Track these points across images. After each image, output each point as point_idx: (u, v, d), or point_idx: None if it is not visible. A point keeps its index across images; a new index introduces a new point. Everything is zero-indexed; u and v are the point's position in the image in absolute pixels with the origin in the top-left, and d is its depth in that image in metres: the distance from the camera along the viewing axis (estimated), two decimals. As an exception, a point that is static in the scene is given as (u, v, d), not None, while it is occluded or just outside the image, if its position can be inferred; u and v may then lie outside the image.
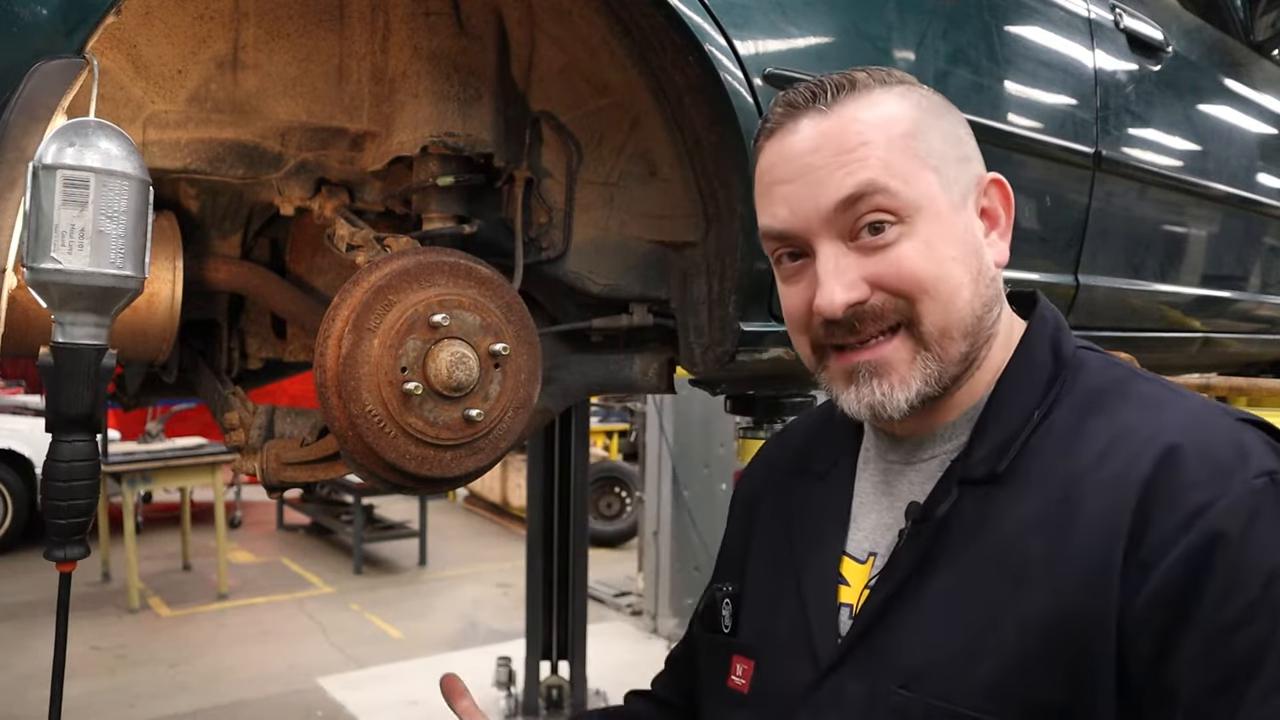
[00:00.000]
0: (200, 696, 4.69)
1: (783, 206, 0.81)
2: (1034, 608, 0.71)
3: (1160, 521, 0.69)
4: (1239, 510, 0.68)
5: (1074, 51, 2.03)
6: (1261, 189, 2.69)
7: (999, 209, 0.86)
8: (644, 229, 1.61)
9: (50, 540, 1.00)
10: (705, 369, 1.59)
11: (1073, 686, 0.69)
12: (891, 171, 0.78)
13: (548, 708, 4.31)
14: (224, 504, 6.48)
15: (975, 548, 0.76)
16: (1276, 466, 0.71)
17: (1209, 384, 2.34)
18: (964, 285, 0.80)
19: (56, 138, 0.92)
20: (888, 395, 0.79)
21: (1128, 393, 0.79)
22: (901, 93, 0.82)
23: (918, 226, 0.78)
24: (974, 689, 0.72)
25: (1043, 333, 0.85)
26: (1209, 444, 0.72)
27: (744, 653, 0.91)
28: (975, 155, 0.86)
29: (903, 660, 0.77)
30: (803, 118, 0.81)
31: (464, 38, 1.44)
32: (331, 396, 1.24)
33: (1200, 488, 0.69)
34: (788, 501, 0.97)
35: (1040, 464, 0.77)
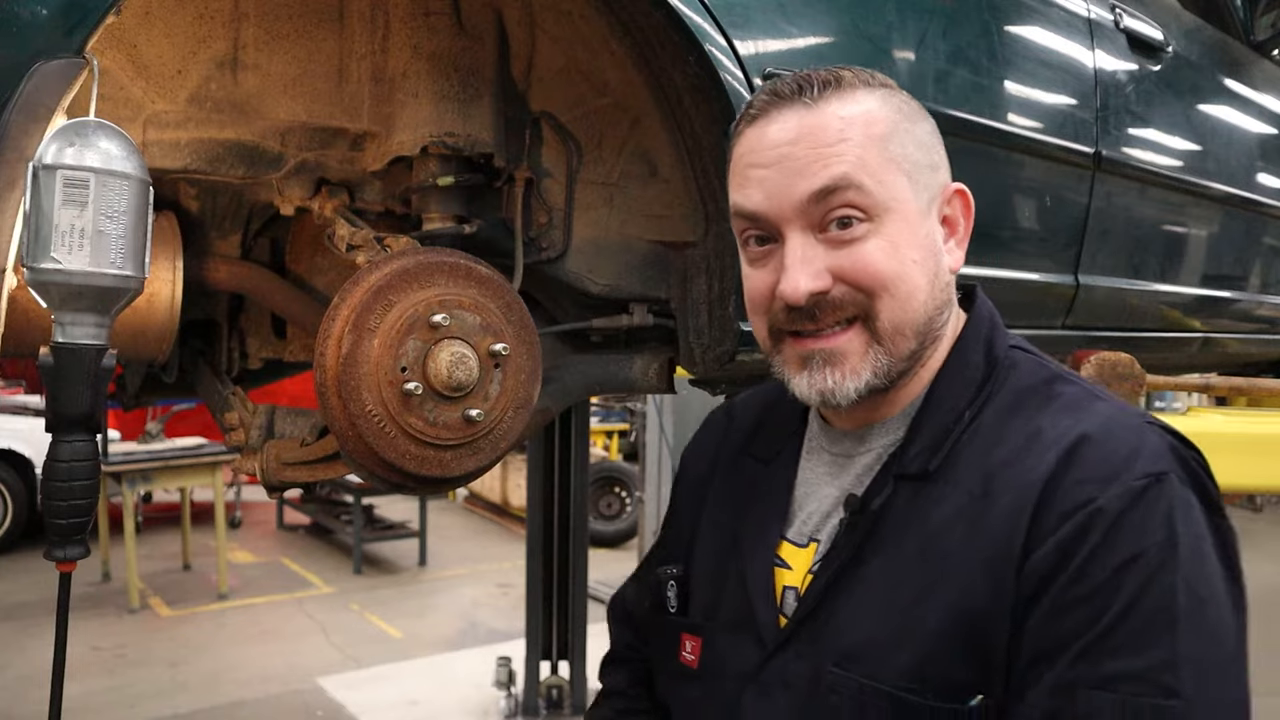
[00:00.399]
0: (200, 696, 4.68)
1: (758, 190, 0.84)
2: (951, 595, 0.77)
3: (1052, 514, 0.75)
4: (1114, 507, 0.74)
5: (1074, 51, 2.03)
6: (1261, 189, 2.69)
7: (960, 218, 0.90)
8: (644, 229, 1.61)
9: (50, 540, 1.00)
10: (705, 369, 1.59)
11: (981, 669, 0.76)
12: (866, 170, 0.81)
13: (548, 708, 4.32)
14: (224, 504, 6.48)
15: (905, 539, 0.82)
16: (1165, 469, 0.76)
17: (1209, 384, 2.34)
18: (921, 288, 0.84)
19: (56, 138, 0.92)
20: (838, 383, 0.83)
21: (1049, 394, 0.84)
22: (883, 96, 0.85)
23: (885, 226, 0.82)
24: (898, 670, 0.78)
25: (977, 333, 0.90)
26: (1105, 447, 0.77)
27: (691, 630, 0.97)
28: (943, 163, 0.89)
29: (839, 642, 0.82)
30: (786, 108, 0.83)
31: (464, 38, 1.44)
32: (331, 396, 1.24)
33: (1087, 484, 0.75)
34: (734, 484, 1.02)
35: (966, 461, 0.82)
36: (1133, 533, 0.73)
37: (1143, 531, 0.73)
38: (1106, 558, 0.72)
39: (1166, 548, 0.72)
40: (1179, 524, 0.74)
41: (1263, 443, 1.97)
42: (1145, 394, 2.05)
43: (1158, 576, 0.72)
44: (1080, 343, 2.17)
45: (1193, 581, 0.73)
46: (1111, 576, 0.72)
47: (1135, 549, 0.72)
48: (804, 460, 0.96)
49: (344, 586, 6.76)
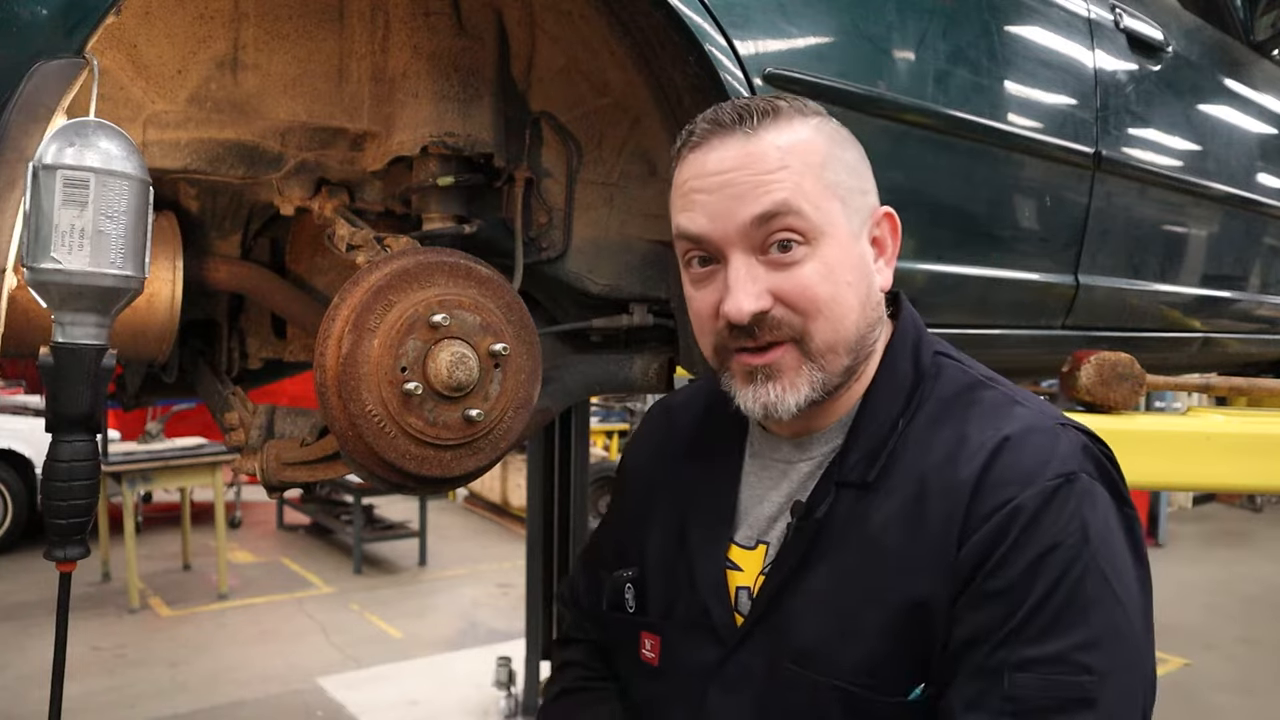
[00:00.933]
0: (200, 696, 4.68)
1: (701, 213, 0.88)
2: (892, 594, 0.84)
3: (978, 514, 0.83)
4: (1031, 505, 0.81)
5: (1074, 51, 2.03)
6: (1261, 189, 2.69)
7: (888, 239, 0.95)
8: (644, 229, 1.61)
9: (50, 540, 1.00)
10: (705, 369, 1.59)
11: (923, 660, 0.83)
12: (804, 196, 0.86)
13: (548, 708, 4.31)
14: (224, 504, 6.47)
15: (848, 543, 0.88)
16: (1075, 469, 0.83)
17: (1209, 384, 2.34)
18: (853, 308, 0.89)
19: (56, 138, 0.92)
20: (779, 397, 0.88)
21: (971, 400, 0.91)
22: (816, 125, 0.91)
23: (821, 249, 0.87)
24: (848, 666, 0.85)
25: (904, 343, 0.96)
26: (1023, 450, 0.84)
27: (650, 629, 1.02)
28: (872, 188, 0.95)
29: (793, 641, 0.89)
30: (728, 135, 0.88)
31: (464, 38, 1.44)
32: (331, 396, 1.24)
33: (1007, 485, 0.82)
34: (679, 484, 1.06)
35: (901, 468, 0.89)
36: (1048, 528, 0.80)
37: (1056, 527, 0.80)
38: (1025, 551, 0.80)
39: (1079, 540, 0.80)
40: (1088, 517, 0.81)
41: (1263, 443, 1.97)
42: (1145, 394, 2.05)
43: (1072, 566, 0.79)
44: (1080, 343, 2.17)
45: (1103, 568, 0.80)
46: (1028, 567, 0.79)
47: (1050, 542, 0.80)
48: (747, 464, 1.01)
49: (344, 586, 6.76)
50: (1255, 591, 6.56)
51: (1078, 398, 1.98)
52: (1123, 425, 1.93)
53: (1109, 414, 1.98)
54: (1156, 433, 1.95)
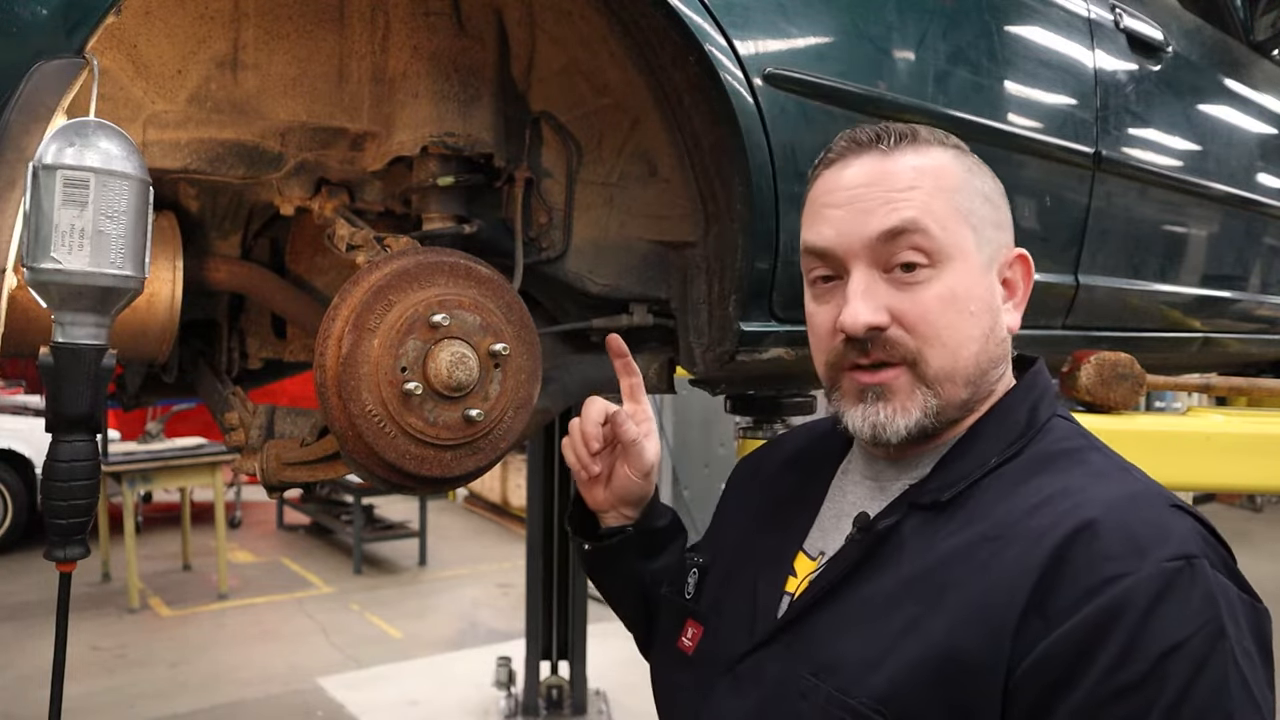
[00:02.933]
0: (200, 696, 4.68)
1: (829, 227, 0.87)
2: (936, 633, 0.76)
3: (1072, 584, 0.72)
4: (1147, 588, 0.70)
5: (1074, 51, 2.03)
6: (1261, 189, 2.69)
7: (1019, 282, 0.92)
8: (644, 229, 1.61)
9: (50, 540, 1.00)
10: (705, 369, 1.60)
11: (951, 714, 0.74)
12: (934, 217, 0.84)
13: (548, 708, 4.31)
14: (224, 504, 6.47)
15: (905, 565, 0.82)
16: (1195, 552, 0.73)
17: (1209, 384, 2.34)
18: (974, 339, 0.85)
19: (56, 138, 0.92)
20: (889, 419, 0.85)
21: (1080, 460, 0.84)
22: (955, 154, 0.89)
23: (946, 274, 0.84)
24: (869, 690, 0.77)
25: (1027, 396, 0.90)
26: (1133, 521, 0.75)
27: (696, 618, 1.00)
28: (1008, 226, 0.92)
29: (817, 652, 0.83)
30: (864, 154, 0.88)
31: (464, 38, 1.44)
32: (331, 396, 1.24)
33: (1115, 560, 0.72)
34: (770, 494, 1.05)
35: (982, 504, 0.82)
36: (1173, 618, 0.70)
37: (1183, 617, 0.70)
38: (1148, 644, 0.69)
39: (1212, 635, 0.70)
40: (1222, 610, 0.71)
41: (1263, 443, 1.97)
42: (1145, 394, 2.05)
43: (1207, 665, 0.69)
44: (1080, 343, 2.17)
45: (1243, 670, 0.71)
46: (1156, 665, 0.69)
47: (1179, 636, 0.69)
48: (837, 480, 0.99)
49: (344, 586, 6.76)
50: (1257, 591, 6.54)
51: (1078, 398, 1.98)
52: (1123, 425, 1.93)
53: (1109, 414, 1.98)
54: (1156, 433, 1.95)
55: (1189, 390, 2.32)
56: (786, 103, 1.44)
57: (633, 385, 1.12)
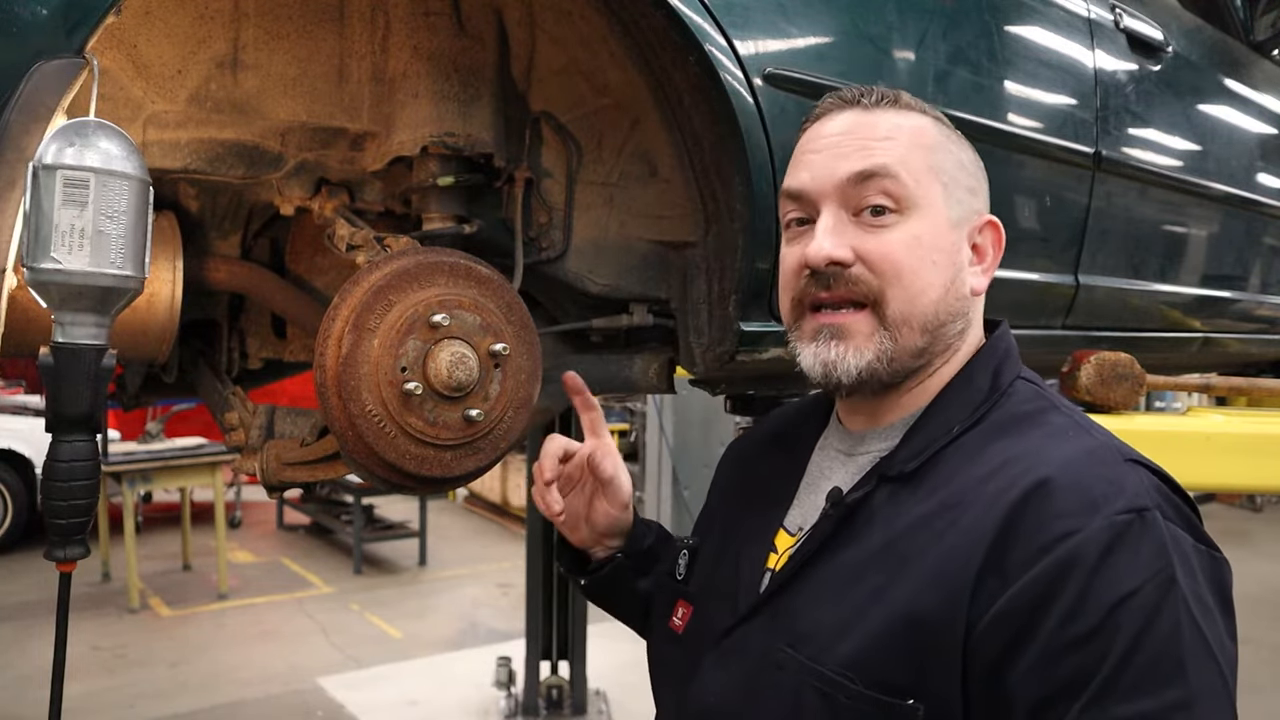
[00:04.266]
0: (200, 696, 4.68)
1: (805, 171, 0.91)
2: (900, 598, 0.79)
3: (1025, 542, 0.74)
4: (1099, 540, 0.72)
5: (1074, 51, 2.03)
6: (1261, 189, 2.69)
7: (989, 248, 0.94)
8: (644, 229, 1.61)
9: (50, 540, 1.00)
10: (705, 369, 1.60)
11: (916, 674, 0.77)
12: (906, 166, 0.87)
13: (548, 708, 4.31)
14: (224, 504, 6.47)
15: (873, 536, 0.85)
16: (1147, 505, 0.75)
17: (1209, 384, 2.33)
18: (934, 286, 0.88)
19: (56, 138, 0.92)
20: (840, 357, 0.88)
21: (1039, 421, 0.86)
22: (935, 121, 0.93)
23: (913, 221, 0.87)
24: (838, 657, 0.81)
25: (989, 360, 0.92)
26: (1087, 478, 0.76)
27: (686, 598, 1.04)
28: (982, 193, 0.95)
29: (794, 624, 0.87)
30: (846, 109, 0.92)
31: (464, 38, 1.44)
32: (331, 396, 1.24)
33: (1067, 517, 0.74)
34: (754, 472, 1.08)
35: (945, 473, 0.84)
36: (1124, 569, 0.72)
37: (1133, 568, 0.72)
38: (1099, 596, 0.71)
39: (1163, 583, 0.71)
40: (1174, 561, 0.73)
41: (1263, 443, 1.97)
42: (1145, 394, 2.05)
43: (1159, 614, 0.71)
44: (1080, 343, 2.17)
45: (1196, 617, 0.72)
46: (1107, 616, 0.71)
47: (1129, 586, 0.71)
48: (815, 455, 1.01)
49: (344, 586, 6.76)
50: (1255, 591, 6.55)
51: (1077, 398, 1.98)
52: (1123, 425, 1.93)
53: (1109, 414, 1.98)
54: (1156, 433, 1.95)
55: (1189, 390, 2.32)
56: (787, 103, 1.44)
57: (593, 419, 1.13)
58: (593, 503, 1.11)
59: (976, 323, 0.94)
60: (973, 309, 0.93)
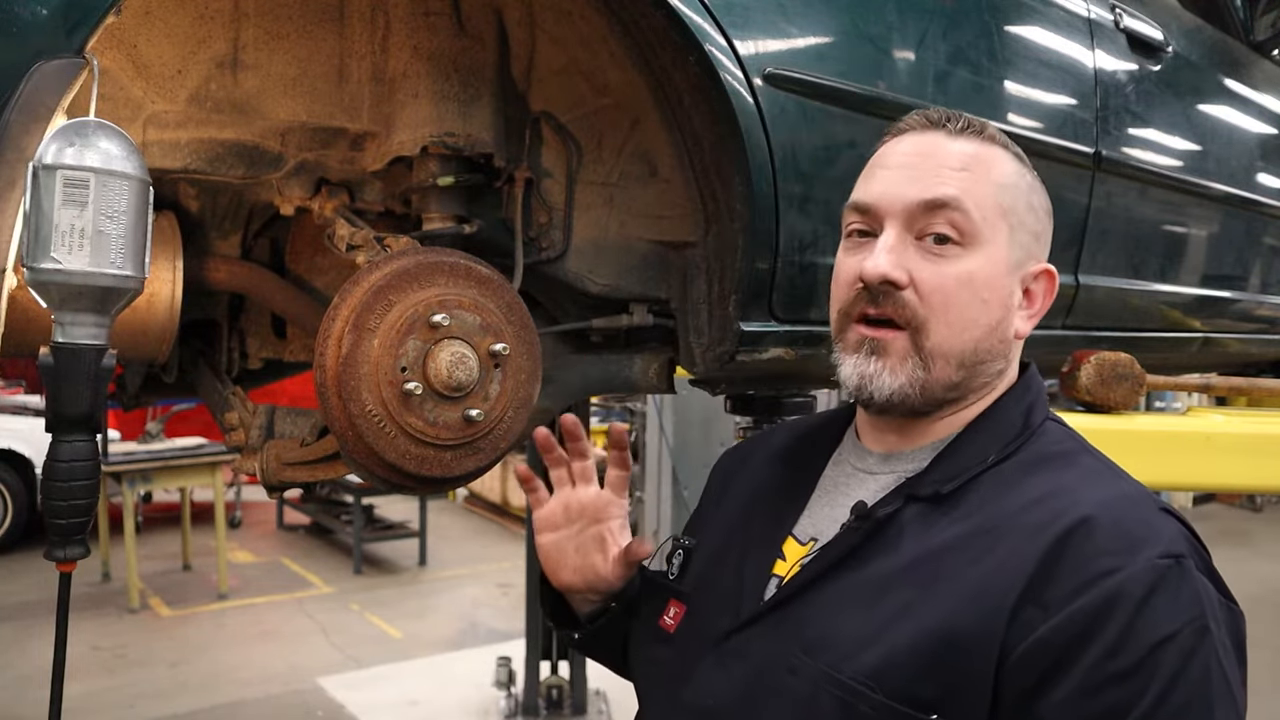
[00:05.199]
0: (200, 696, 4.68)
1: (877, 185, 0.91)
2: (932, 617, 0.79)
3: (1068, 576, 0.76)
4: (1141, 581, 0.74)
5: (1074, 52, 2.03)
6: (1261, 189, 2.69)
7: (1040, 295, 0.94)
8: (644, 229, 1.61)
9: (50, 540, 1.00)
10: (705, 369, 1.59)
11: (942, 691, 0.77)
12: (975, 201, 0.87)
13: (548, 708, 4.31)
14: (224, 504, 6.47)
15: (902, 552, 0.84)
16: (1184, 552, 0.77)
17: (1209, 384, 2.33)
18: (980, 325, 0.88)
19: (56, 138, 0.92)
20: (877, 373, 0.88)
21: (1073, 462, 0.87)
22: (1016, 160, 0.93)
23: (972, 257, 0.87)
24: (859, 667, 0.80)
25: (1022, 398, 0.93)
26: (1126, 519, 0.79)
27: (679, 597, 1.02)
28: (1046, 242, 0.95)
29: (807, 632, 0.86)
30: (930, 130, 0.91)
31: (464, 38, 1.44)
32: (331, 396, 1.24)
33: (1111, 555, 0.76)
34: (756, 482, 1.07)
35: (979, 499, 0.85)
36: (1163, 613, 0.73)
37: (1173, 611, 0.74)
38: (1141, 635, 0.73)
39: (1199, 630, 0.74)
40: (1205, 608, 0.75)
41: (1263, 443, 1.97)
42: (1145, 394, 2.05)
43: (1194, 658, 0.73)
44: (1080, 343, 2.17)
45: (1224, 667, 0.74)
46: (1148, 655, 0.72)
47: (1169, 629, 0.73)
48: (829, 470, 1.00)
49: (344, 586, 6.76)
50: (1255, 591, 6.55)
51: (1077, 398, 1.98)
52: (1123, 425, 1.93)
53: (1109, 414, 1.98)
54: (1156, 433, 1.95)
55: (1189, 390, 2.32)
56: (786, 103, 1.44)
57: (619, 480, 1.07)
58: (589, 556, 1.06)
59: (1014, 363, 0.95)
60: (1013, 351, 0.93)
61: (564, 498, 1.07)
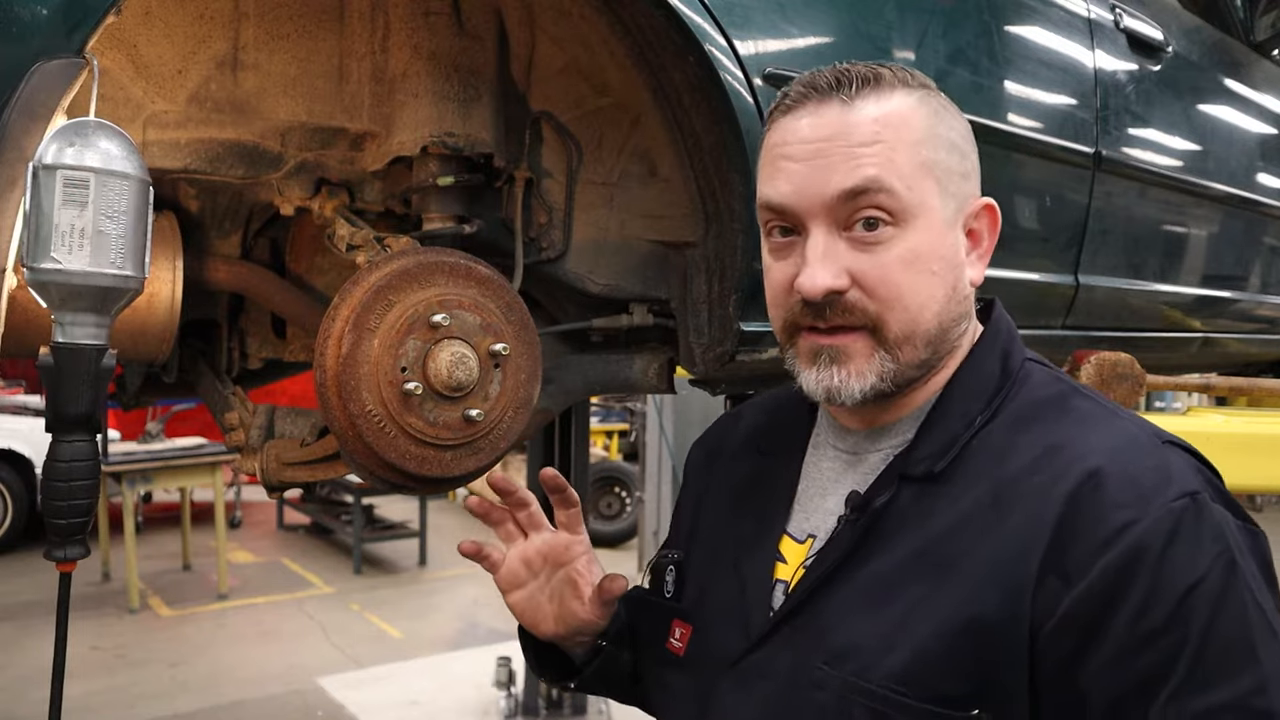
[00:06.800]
0: (200, 696, 4.68)
1: (786, 183, 0.82)
2: (950, 604, 0.75)
3: (1085, 537, 0.72)
4: (1160, 530, 0.71)
5: (1074, 51, 2.03)
6: (1261, 189, 2.69)
7: (985, 232, 0.88)
8: (644, 229, 1.61)
9: (50, 540, 1.00)
10: (705, 369, 1.59)
11: (978, 681, 0.74)
12: (897, 173, 0.80)
13: (548, 708, 4.31)
14: (224, 504, 6.47)
15: (906, 541, 0.80)
16: (1197, 487, 0.74)
17: (1209, 384, 2.33)
18: (936, 299, 0.82)
19: (56, 138, 0.92)
20: (844, 382, 0.82)
21: (1064, 408, 0.82)
22: (921, 98, 0.84)
23: (909, 233, 0.81)
24: (886, 672, 0.76)
25: (994, 343, 0.88)
26: (1134, 466, 0.75)
27: (682, 618, 0.96)
28: (974, 173, 0.87)
29: (827, 640, 0.81)
30: (822, 102, 0.82)
31: (464, 38, 1.44)
32: (331, 396, 1.24)
33: (1124, 508, 0.72)
34: (735, 476, 1.00)
35: (975, 469, 0.80)
36: (1187, 558, 0.71)
37: (1197, 554, 0.71)
38: (1169, 587, 0.70)
39: (1227, 566, 0.71)
40: (1229, 542, 0.72)
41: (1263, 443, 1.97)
42: (1145, 394, 2.05)
43: (1227, 599, 0.70)
44: (1080, 343, 2.17)
45: (1257, 598, 0.71)
46: (1178, 606, 0.70)
47: (1197, 574, 0.70)
48: (809, 455, 0.95)
49: (344, 586, 6.76)
50: (1255, 591, 6.54)
51: (1078, 398, 1.98)
52: (1123, 425, 1.92)
53: (1109, 414, 1.98)
54: (1156, 433, 1.95)
55: (1189, 390, 2.32)
56: (786, 103, 1.44)
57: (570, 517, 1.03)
58: (565, 602, 1.01)
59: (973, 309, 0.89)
60: (972, 303, 0.88)
61: (519, 552, 1.02)
